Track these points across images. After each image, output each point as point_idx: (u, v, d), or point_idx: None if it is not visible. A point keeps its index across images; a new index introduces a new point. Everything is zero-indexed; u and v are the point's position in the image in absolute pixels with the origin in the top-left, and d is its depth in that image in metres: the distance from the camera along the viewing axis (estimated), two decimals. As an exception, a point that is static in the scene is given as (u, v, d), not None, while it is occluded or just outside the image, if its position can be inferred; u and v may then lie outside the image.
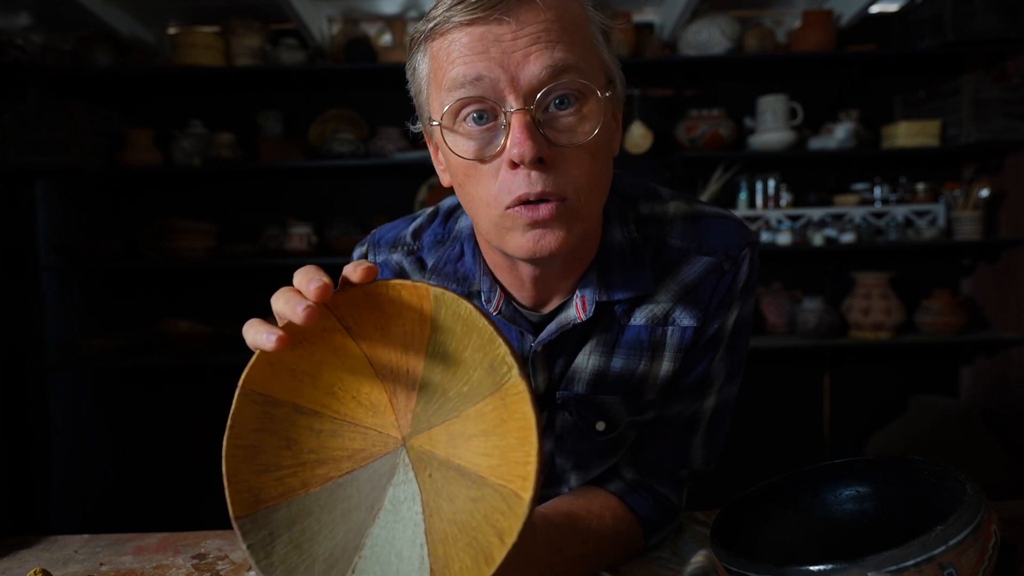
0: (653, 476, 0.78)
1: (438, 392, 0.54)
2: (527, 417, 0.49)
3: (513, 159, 0.59)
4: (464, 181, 0.64)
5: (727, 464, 1.48)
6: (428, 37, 0.63)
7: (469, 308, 0.51)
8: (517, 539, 0.47)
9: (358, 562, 0.52)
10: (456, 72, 0.60)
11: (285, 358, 0.54)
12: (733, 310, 0.74)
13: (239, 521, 0.52)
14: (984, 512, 0.53)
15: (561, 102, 0.61)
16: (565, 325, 0.71)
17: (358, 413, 0.56)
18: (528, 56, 0.59)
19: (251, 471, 0.53)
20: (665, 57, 2.77)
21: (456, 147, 0.62)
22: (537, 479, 0.47)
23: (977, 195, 2.74)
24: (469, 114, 0.61)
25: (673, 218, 0.75)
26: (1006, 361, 2.85)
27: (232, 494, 0.52)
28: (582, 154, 0.62)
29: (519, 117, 0.59)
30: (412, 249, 0.80)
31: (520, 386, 0.50)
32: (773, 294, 2.89)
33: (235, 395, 0.53)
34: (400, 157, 2.71)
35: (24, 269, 2.70)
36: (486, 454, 0.51)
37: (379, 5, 2.85)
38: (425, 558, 0.51)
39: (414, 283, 0.53)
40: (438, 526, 0.52)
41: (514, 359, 0.50)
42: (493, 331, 0.51)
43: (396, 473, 0.54)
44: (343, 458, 0.55)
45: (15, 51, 2.54)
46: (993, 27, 2.54)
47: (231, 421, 0.53)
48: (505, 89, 0.60)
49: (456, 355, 0.53)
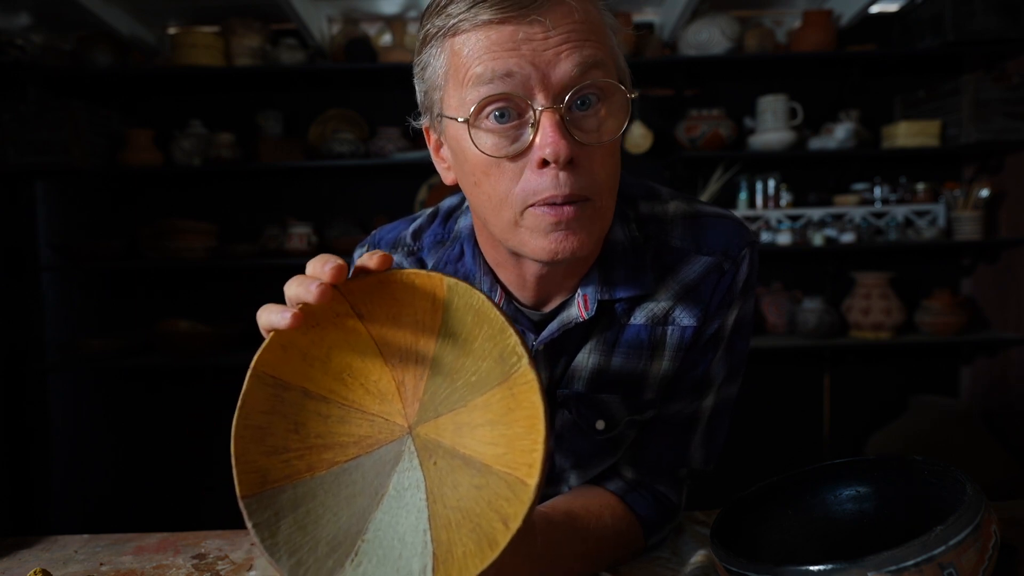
0: (653, 475, 0.78)
1: (446, 381, 0.55)
2: (535, 406, 0.49)
3: (546, 158, 0.59)
4: (481, 179, 0.63)
5: (727, 464, 1.48)
6: (448, 33, 0.62)
7: (482, 298, 0.52)
8: (522, 524, 0.47)
9: (361, 545, 0.53)
10: (484, 69, 0.59)
11: (297, 342, 0.54)
12: (733, 310, 0.74)
13: (245, 500, 0.52)
14: (984, 512, 0.53)
15: (583, 103, 0.61)
16: (567, 324, 0.71)
17: (366, 400, 0.56)
18: (560, 55, 0.59)
19: (259, 452, 0.54)
20: (665, 57, 2.77)
21: (481, 143, 0.61)
22: (543, 466, 0.48)
23: (977, 195, 2.74)
24: (492, 112, 0.60)
25: (673, 218, 0.75)
26: (1006, 361, 2.85)
27: (240, 474, 0.53)
28: (605, 154, 0.62)
29: (550, 115, 0.59)
30: (412, 250, 0.80)
31: (529, 375, 0.50)
32: (773, 294, 2.89)
33: (247, 376, 0.53)
34: (400, 157, 2.71)
35: (24, 269, 2.70)
36: (492, 443, 0.52)
37: (379, 5, 2.85)
38: (428, 543, 0.51)
39: (428, 272, 0.53)
40: (442, 512, 0.52)
41: (524, 349, 0.51)
42: (504, 321, 0.51)
43: (401, 460, 0.55)
44: (349, 444, 0.56)
45: (15, 51, 2.54)
46: (993, 27, 2.54)
47: (241, 401, 0.53)
48: (535, 87, 0.59)
49: (466, 345, 0.54)
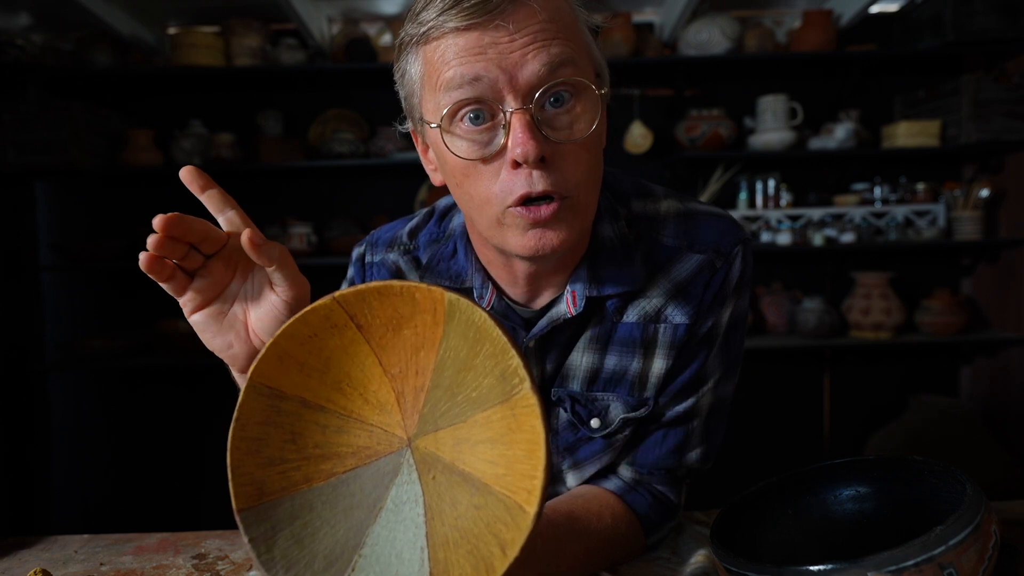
0: (651, 474, 0.78)
1: (447, 395, 0.54)
2: (535, 431, 0.49)
3: (516, 159, 0.60)
4: (462, 180, 0.64)
5: (727, 464, 1.48)
6: (420, 41, 0.63)
7: (483, 316, 0.51)
8: (519, 553, 0.47)
9: (358, 560, 0.52)
10: (453, 73, 0.60)
11: (294, 352, 0.54)
12: (727, 307, 0.74)
13: (241, 514, 0.52)
14: (984, 512, 0.53)
15: (556, 100, 0.62)
16: (556, 320, 0.72)
17: (365, 410, 0.55)
18: (526, 56, 0.59)
19: (255, 464, 0.53)
20: (665, 57, 2.77)
21: (455, 148, 0.62)
22: (543, 494, 0.47)
23: (977, 195, 2.74)
24: (466, 115, 0.61)
25: (666, 216, 0.75)
26: (1006, 361, 2.85)
27: (236, 486, 0.52)
28: (579, 150, 0.63)
29: (520, 116, 0.60)
30: (408, 249, 0.81)
31: (531, 399, 0.49)
32: (773, 294, 2.89)
33: (242, 387, 0.53)
34: (400, 157, 2.71)
35: (24, 269, 2.70)
36: (492, 462, 0.51)
37: (379, 5, 2.85)
38: (425, 561, 0.51)
39: (429, 286, 0.52)
40: (439, 530, 0.52)
41: (526, 371, 0.50)
42: (506, 341, 0.50)
43: (400, 473, 0.54)
44: (347, 454, 0.55)
45: (15, 51, 2.54)
46: (993, 27, 2.53)
47: (237, 413, 0.53)
48: (504, 89, 0.60)
49: (467, 361, 0.53)
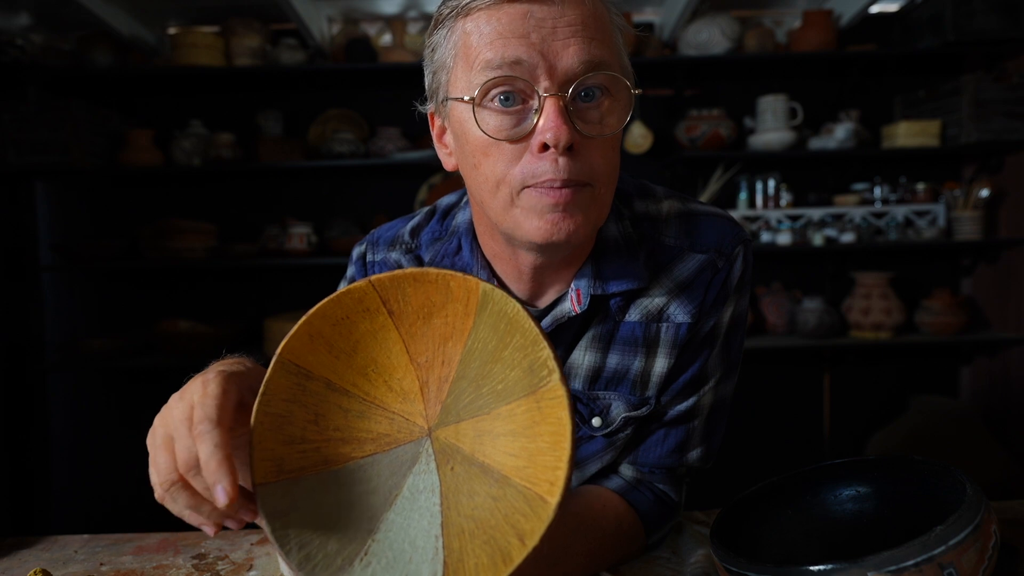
0: (652, 473, 0.79)
1: (471, 386, 0.54)
2: (562, 422, 0.49)
3: (547, 142, 0.60)
4: (481, 160, 0.64)
5: (727, 464, 1.48)
6: (460, 14, 0.63)
7: (516, 307, 0.51)
8: (539, 542, 0.47)
9: (371, 545, 0.52)
10: (493, 55, 0.60)
11: (324, 332, 0.54)
12: (728, 307, 0.75)
13: (260, 488, 0.52)
14: (984, 512, 0.53)
15: (587, 95, 0.62)
16: (560, 318, 0.72)
17: (388, 398, 0.56)
18: (568, 46, 0.60)
19: (277, 440, 0.53)
20: (665, 57, 2.77)
21: (484, 124, 0.62)
22: (566, 485, 0.47)
23: (977, 195, 2.74)
24: (498, 95, 0.62)
25: (667, 216, 0.76)
26: (1006, 361, 2.85)
27: (257, 460, 0.52)
28: (605, 146, 0.64)
29: (554, 102, 0.60)
30: (410, 247, 0.81)
31: (559, 390, 0.49)
32: (773, 294, 2.89)
33: (271, 362, 0.53)
34: (400, 157, 2.70)
35: (24, 269, 2.70)
36: (513, 454, 0.51)
37: (379, 5, 2.85)
38: (440, 550, 0.51)
39: (464, 275, 0.53)
40: (455, 520, 0.52)
41: (556, 364, 0.50)
42: (538, 333, 0.50)
43: (418, 462, 0.55)
44: (367, 440, 0.55)
45: (15, 51, 2.54)
46: (993, 27, 2.53)
47: (264, 387, 0.53)
48: (542, 74, 0.60)
49: (495, 353, 0.53)
